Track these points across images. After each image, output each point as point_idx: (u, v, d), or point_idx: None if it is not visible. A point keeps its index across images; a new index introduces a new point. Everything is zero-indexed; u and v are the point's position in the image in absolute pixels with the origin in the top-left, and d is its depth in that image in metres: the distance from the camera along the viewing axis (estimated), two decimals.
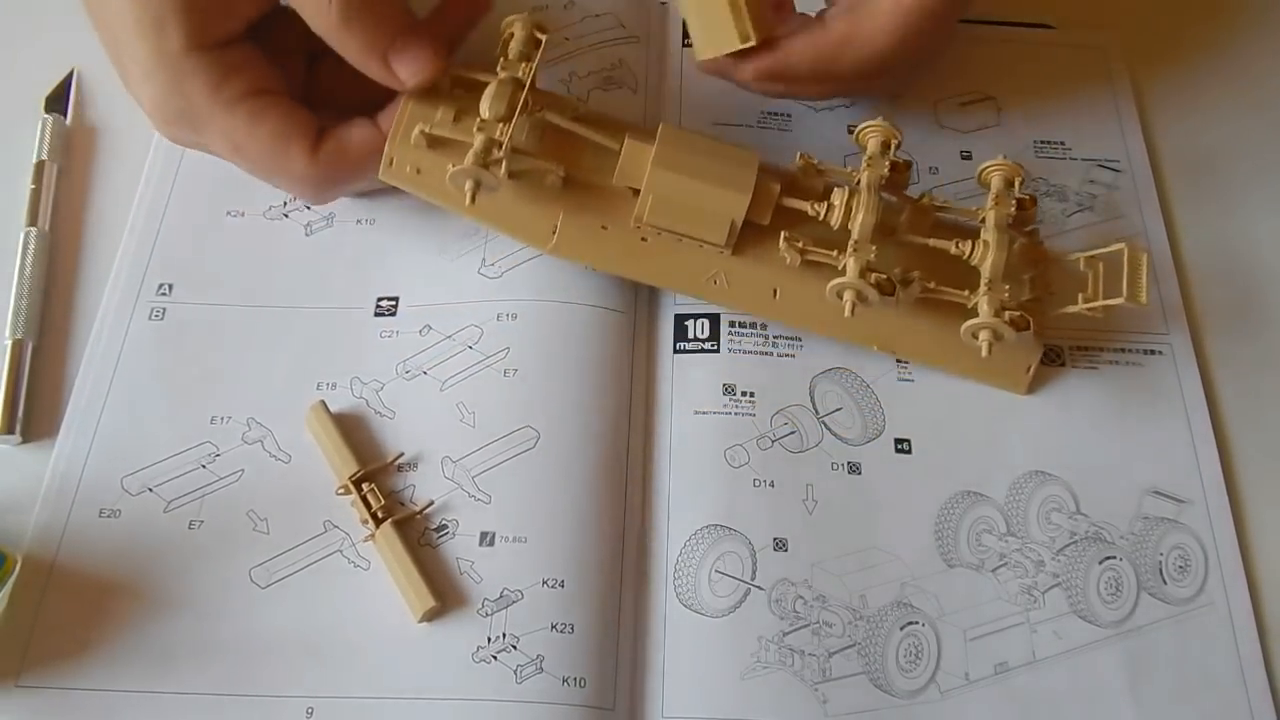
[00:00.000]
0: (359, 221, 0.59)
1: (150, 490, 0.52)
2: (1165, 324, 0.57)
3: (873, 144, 0.52)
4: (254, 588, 0.50)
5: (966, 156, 0.62)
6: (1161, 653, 0.50)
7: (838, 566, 0.51)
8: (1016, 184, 0.52)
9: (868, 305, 0.50)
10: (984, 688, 0.49)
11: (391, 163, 0.52)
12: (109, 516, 0.51)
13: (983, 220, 0.51)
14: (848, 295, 0.50)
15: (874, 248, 0.50)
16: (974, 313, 0.50)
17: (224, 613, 0.49)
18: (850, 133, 0.53)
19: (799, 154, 0.52)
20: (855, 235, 0.50)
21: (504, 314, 0.55)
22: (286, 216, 0.59)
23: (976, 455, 0.54)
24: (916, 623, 0.50)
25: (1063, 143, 0.62)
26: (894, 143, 0.52)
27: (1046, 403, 0.55)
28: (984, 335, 0.50)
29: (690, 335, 0.56)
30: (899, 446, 0.54)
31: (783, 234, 0.51)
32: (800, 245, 0.51)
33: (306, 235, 0.58)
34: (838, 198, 0.51)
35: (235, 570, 0.50)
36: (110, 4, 0.50)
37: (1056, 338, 0.56)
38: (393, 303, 0.56)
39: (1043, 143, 0.62)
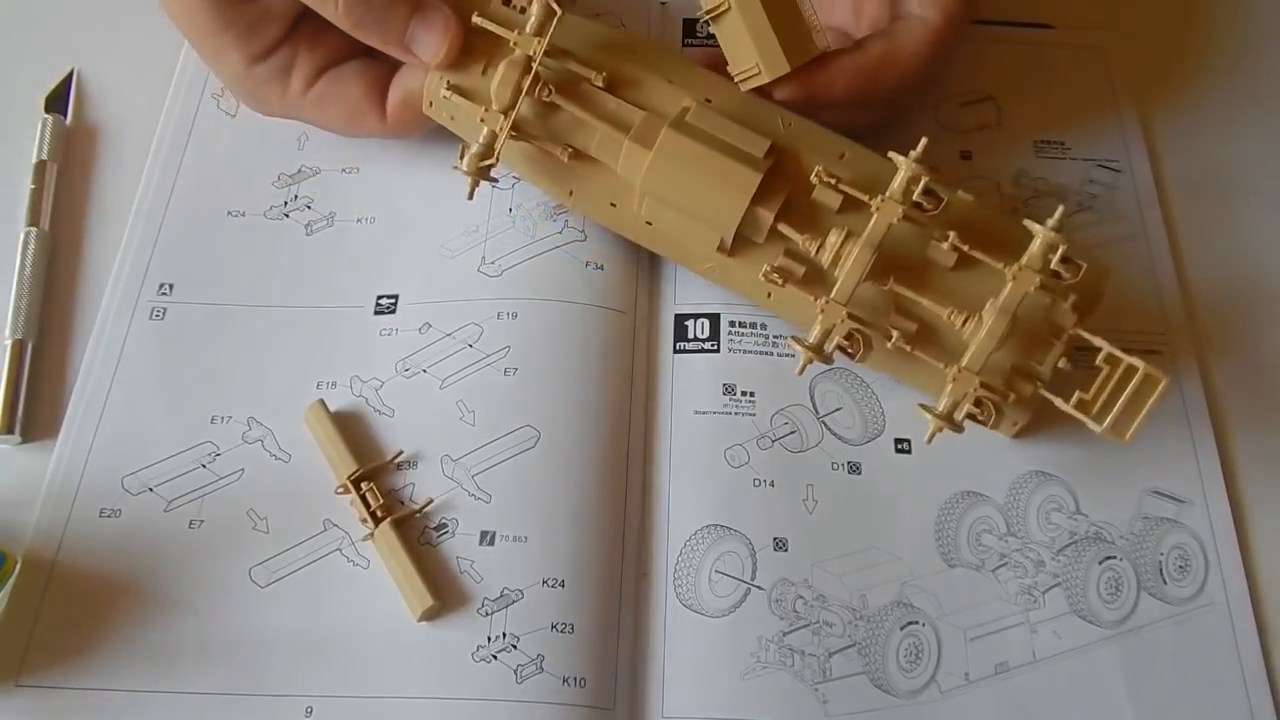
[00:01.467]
0: (359, 220, 0.59)
1: (151, 490, 0.52)
2: (1165, 323, 0.57)
3: (897, 180, 0.48)
4: (254, 587, 0.50)
5: (966, 157, 0.62)
6: (1161, 652, 0.50)
7: (838, 566, 0.51)
8: (1059, 252, 0.47)
9: (826, 362, 0.49)
10: (984, 687, 0.49)
11: (430, 104, 0.53)
12: (109, 516, 0.51)
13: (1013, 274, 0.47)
14: (802, 357, 0.49)
15: (844, 311, 0.48)
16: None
17: (224, 612, 0.49)
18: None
19: (819, 168, 0.49)
20: (833, 292, 0.48)
21: (504, 312, 0.55)
22: (287, 216, 0.59)
23: (976, 455, 0.54)
24: (917, 622, 0.50)
25: (1063, 143, 0.62)
26: (921, 182, 0.48)
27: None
28: (931, 425, 0.48)
29: (690, 335, 0.56)
30: (899, 446, 0.54)
31: (766, 267, 0.49)
32: (780, 282, 0.49)
33: (307, 235, 0.58)
34: (834, 237, 0.48)
35: (235, 569, 0.50)
36: (188, 38, 0.55)
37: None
38: (392, 301, 0.56)
39: (1043, 143, 0.62)
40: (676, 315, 0.57)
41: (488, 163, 0.51)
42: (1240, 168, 0.63)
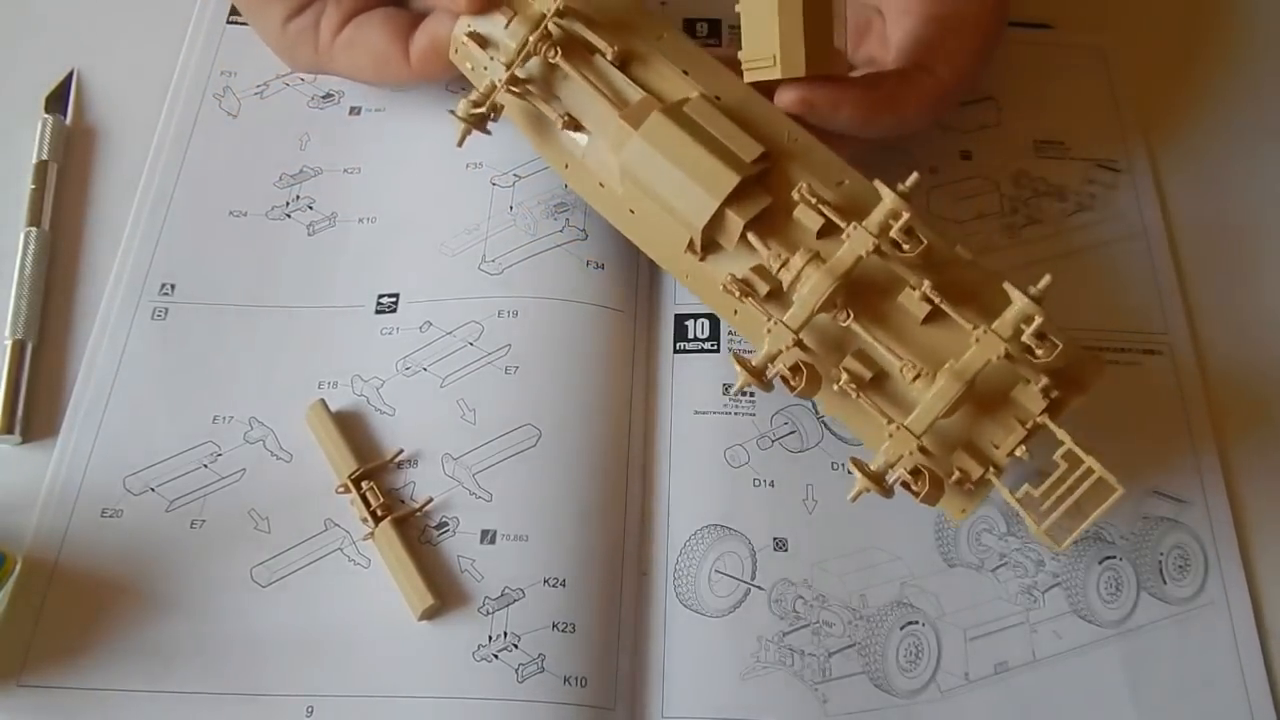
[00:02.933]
0: (360, 220, 0.59)
1: (152, 490, 0.52)
2: (1165, 324, 0.57)
3: (877, 212, 0.45)
4: (255, 587, 0.50)
5: (966, 156, 0.62)
6: (1161, 652, 0.50)
7: (838, 566, 0.51)
8: (1034, 324, 0.43)
9: (765, 389, 0.46)
10: (984, 687, 0.49)
11: (455, 51, 0.53)
12: (111, 516, 0.51)
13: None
14: (740, 377, 0.46)
15: (792, 338, 0.45)
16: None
17: (225, 612, 0.49)
18: None
19: (804, 185, 0.46)
20: (786, 315, 0.45)
21: (505, 311, 0.55)
22: (289, 216, 0.59)
23: None
24: (916, 622, 0.50)
25: (1063, 143, 0.62)
26: (901, 218, 0.44)
27: None
28: (858, 484, 0.44)
29: (690, 335, 0.56)
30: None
31: (727, 277, 0.47)
32: (739, 295, 0.46)
33: (309, 235, 0.58)
34: (799, 258, 0.45)
35: (236, 569, 0.50)
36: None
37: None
38: (393, 299, 0.56)
39: (1043, 143, 0.62)
40: (676, 315, 0.57)
41: (479, 111, 0.51)
42: (1240, 167, 0.63)
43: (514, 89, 0.50)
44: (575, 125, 0.50)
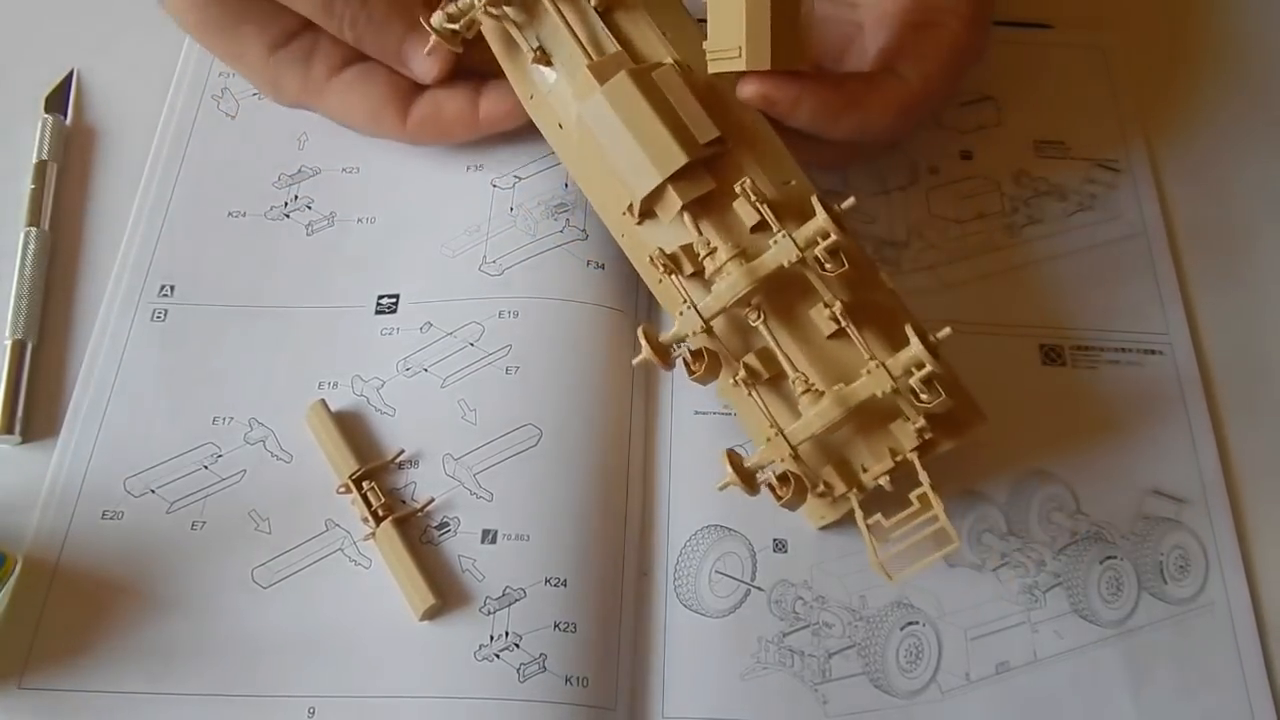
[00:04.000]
0: (360, 220, 0.59)
1: (153, 491, 0.52)
2: (1165, 324, 0.57)
3: (808, 226, 0.45)
4: (256, 588, 0.50)
5: (967, 156, 0.62)
6: (1162, 652, 0.50)
7: (837, 567, 0.51)
8: (923, 371, 0.44)
9: (666, 367, 0.47)
10: (985, 687, 0.49)
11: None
12: (111, 518, 0.51)
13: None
14: (644, 351, 0.46)
15: (701, 325, 0.45)
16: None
17: (226, 613, 0.49)
18: None
19: (747, 180, 0.47)
20: (701, 303, 0.46)
21: (505, 311, 0.55)
22: (288, 217, 0.59)
23: (977, 455, 0.54)
24: (917, 623, 0.50)
25: (1063, 143, 0.62)
26: (828, 239, 0.45)
27: (1047, 402, 0.55)
28: (726, 477, 0.46)
29: None
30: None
31: (656, 250, 0.47)
32: (662, 271, 0.47)
33: (308, 235, 0.58)
34: (725, 252, 0.46)
35: (237, 570, 0.50)
36: (200, 40, 0.58)
37: (1055, 336, 0.56)
38: (393, 300, 0.56)
39: (1043, 143, 0.62)
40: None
41: (453, 27, 0.51)
42: (1240, 167, 0.63)
43: (493, 11, 0.50)
44: (545, 61, 0.51)
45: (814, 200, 0.46)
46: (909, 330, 0.45)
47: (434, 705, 0.47)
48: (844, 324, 0.45)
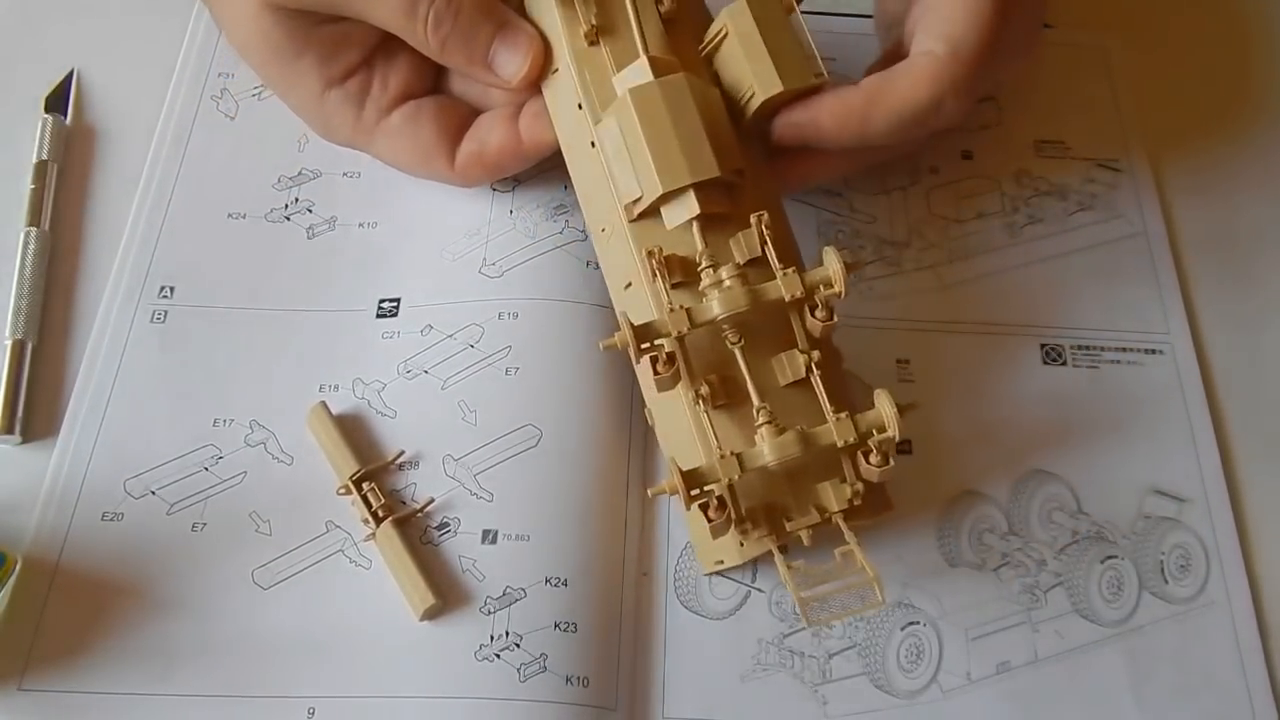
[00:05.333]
0: (361, 224, 0.59)
1: (153, 493, 0.52)
2: (1165, 324, 0.57)
3: (818, 272, 0.46)
4: (256, 589, 0.50)
5: (967, 156, 0.62)
6: (1163, 652, 0.50)
7: None
8: (884, 435, 0.45)
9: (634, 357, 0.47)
10: (986, 687, 0.49)
11: None
12: (111, 520, 0.51)
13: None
14: (621, 335, 0.45)
15: (680, 330, 0.45)
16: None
17: (226, 614, 0.49)
18: None
19: (761, 214, 0.47)
20: (691, 311, 0.46)
21: (505, 313, 0.55)
22: (288, 219, 0.59)
23: (978, 455, 0.54)
24: (917, 623, 0.50)
25: (1063, 143, 0.62)
26: (833, 288, 0.46)
27: (1047, 402, 0.55)
28: (665, 485, 0.44)
29: None
30: (899, 447, 0.54)
31: (654, 247, 0.48)
32: (654, 271, 0.47)
33: (308, 238, 0.58)
34: (726, 273, 0.46)
35: (238, 572, 0.50)
36: (255, 65, 0.55)
37: (1055, 336, 0.56)
38: (394, 304, 0.56)
39: (1043, 143, 0.62)
40: None
41: None
42: (1241, 166, 0.63)
43: None
44: (594, 40, 0.51)
45: (830, 250, 0.46)
46: (879, 396, 0.45)
47: (434, 705, 0.47)
48: (813, 375, 0.46)
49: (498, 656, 0.48)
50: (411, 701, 0.47)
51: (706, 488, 0.45)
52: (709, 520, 0.45)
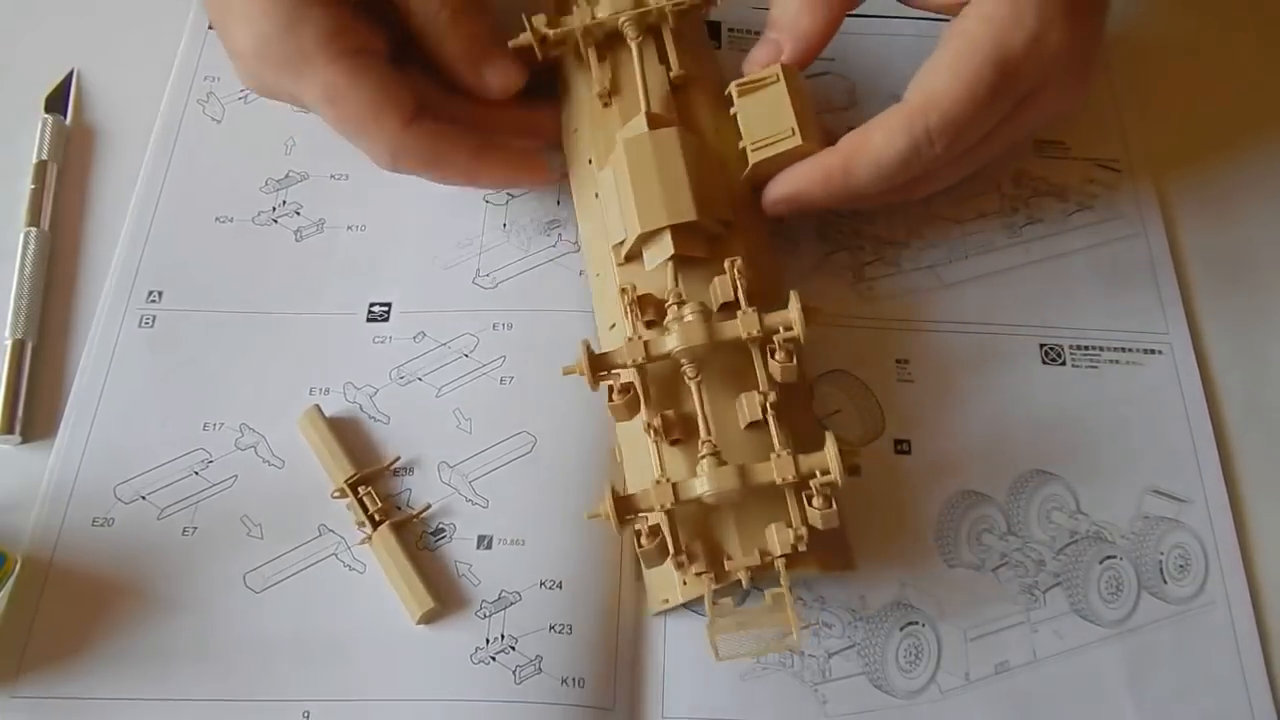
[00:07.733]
0: (349, 227, 0.59)
1: (143, 498, 0.52)
2: (1165, 324, 0.57)
3: (777, 315, 0.47)
4: (249, 593, 0.50)
5: None
6: (1162, 652, 0.50)
7: None
8: (828, 477, 0.46)
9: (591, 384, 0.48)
10: (984, 687, 0.49)
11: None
12: (102, 525, 0.51)
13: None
14: (579, 360, 0.47)
15: (638, 357, 0.47)
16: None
17: (219, 618, 0.49)
18: None
19: (736, 260, 0.49)
20: (650, 343, 0.47)
21: (500, 324, 0.55)
22: (275, 222, 0.59)
23: (977, 455, 0.54)
24: (916, 623, 0.50)
25: (1063, 143, 0.62)
26: (792, 331, 0.47)
27: (1046, 402, 0.55)
28: (600, 507, 0.45)
29: None
30: (899, 447, 0.54)
31: (625, 283, 0.49)
32: (626, 303, 0.49)
33: (296, 241, 0.58)
34: (689, 310, 0.47)
35: (229, 575, 0.50)
36: (341, 117, 0.52)
37: (1055, 336, 0.56)
38: (385, 309, 0.56)
39: (1043, 143, 0.62)
40: None
41: (518, 44, 0.54)
42: (1241, 165, 0.62)
43: (580, 47, 0.54)
44: (608, 101, 0.54)
45: (793, 294, 0.47)
46: (829, 439, 0.45)
47: (430, 708, 0.47)
48: (768, 416, 0.47)
49: (494, 659, 0.48)
50: (408, 704, 0.48)
51: (640, 513, 0.45)
52: (639, 546, 0.46)
